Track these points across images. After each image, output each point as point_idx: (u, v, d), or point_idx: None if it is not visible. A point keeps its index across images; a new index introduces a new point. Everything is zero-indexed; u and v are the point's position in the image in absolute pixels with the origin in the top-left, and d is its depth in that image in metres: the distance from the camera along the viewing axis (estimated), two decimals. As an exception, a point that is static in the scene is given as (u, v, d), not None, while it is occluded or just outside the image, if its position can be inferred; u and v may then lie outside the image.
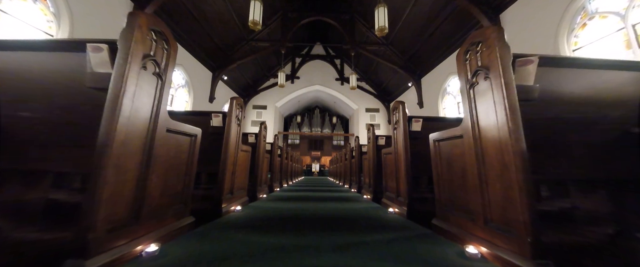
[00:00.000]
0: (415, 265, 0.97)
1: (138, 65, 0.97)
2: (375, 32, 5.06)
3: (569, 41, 4.91)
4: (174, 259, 0.98)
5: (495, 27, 1.03)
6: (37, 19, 4.44)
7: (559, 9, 4.95)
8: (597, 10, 4.57)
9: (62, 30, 4.67)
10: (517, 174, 0.91)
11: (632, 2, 4.13)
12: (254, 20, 4.95)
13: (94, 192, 0.83)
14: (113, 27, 5.47)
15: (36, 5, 4.47)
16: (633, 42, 4.09)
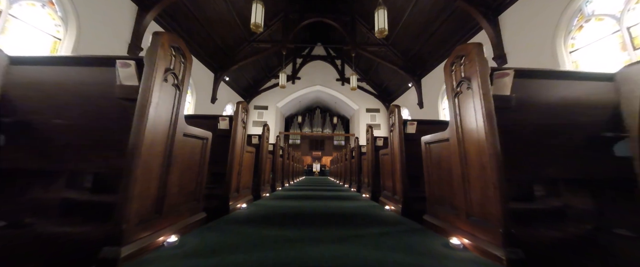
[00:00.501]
0: (404, 254, 1.11)
1: (161, 79, 1.12)
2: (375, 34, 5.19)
3: (566, 43, 5.02)
4: (192, 249, 1.13)
5: (476, 43, 1.17)
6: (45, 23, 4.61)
7: (556, 11, 5.05)
8: (593, 13, 4.68)
9: (69, 33, 4.85)
10: (492, 174, 1.05)
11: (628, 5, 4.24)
12: (255, 22, 5.10)
13: (127, 189, 0.98)
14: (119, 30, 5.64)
15: (44, 9, 4.64)
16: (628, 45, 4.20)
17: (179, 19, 7.08)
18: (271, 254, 1.09)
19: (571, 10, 4.96)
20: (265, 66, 11.17)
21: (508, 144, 1.13)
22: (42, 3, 4.63)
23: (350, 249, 1.17)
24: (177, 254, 1.06)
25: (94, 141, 1.13)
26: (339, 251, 1.15)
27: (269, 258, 1.04)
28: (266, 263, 0.98)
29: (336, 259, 1.04)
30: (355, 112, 12.78)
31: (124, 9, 5.77)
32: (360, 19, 9.34)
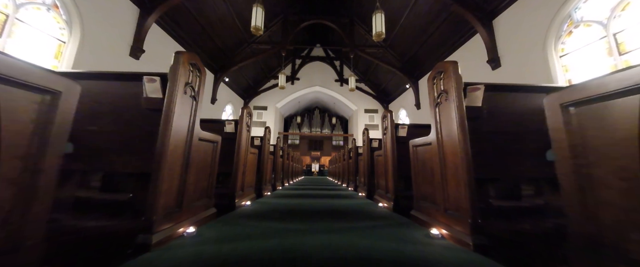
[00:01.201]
0: (390, 242, 1.32)
1: (181, 92, 1.32)
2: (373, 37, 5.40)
3: (556, 48, 5.24)
4: (209, 238, 1.34)
5: (453, 61, 1.38)
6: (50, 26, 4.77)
7: (547, 16, 5.26)
8: (582, 19, 4.90)
9: (73, 36, 5.01)
10: (463, 174, 1.26)
11: (614, 12, 4.48)
12: (256, 25, 5.29)
13: (156, 187, 1.18)
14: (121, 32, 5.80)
15: (49, 13, 4.80)
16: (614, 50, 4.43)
17: (179, 21, 7.25)
18: (276, 241, 1.30)
19: (561, 16, 5.17)
20: (265, 67, 11.35)
21: (479, 148, 1.35)
22: (47, 7, 4.79)
23: (344, 238, 1.38)
24: (198, 241, 1.27)
25: (122, 146, 1.33)
26: (334, 239, 1.36)
27: (275, 245, 1.24)
28: (272, 249, 1.19)
29: (332, 246, 1.25)
30: (354, 112, 13.00)
31: (126, 11, 5.94)
32: (358, 21, 9.55)
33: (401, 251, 1.17)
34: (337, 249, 1.19)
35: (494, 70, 6.55)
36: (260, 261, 1.03)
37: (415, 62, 9.50)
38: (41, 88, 0.69)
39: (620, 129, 0.66)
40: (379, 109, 12.49)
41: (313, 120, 15.55)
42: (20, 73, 0.64)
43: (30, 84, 0.66)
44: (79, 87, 0.77)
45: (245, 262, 1.01)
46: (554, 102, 0.81)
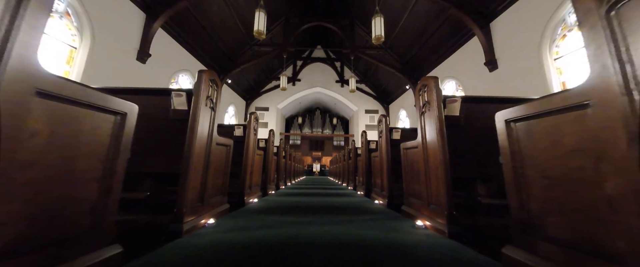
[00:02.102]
0: (381, 231, 1.57)
1: (203, 104, 1.58)
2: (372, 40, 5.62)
3: (551, 50, 5.44)
4: (227, 228, 1.59)
5: (434, 77, 1.62)
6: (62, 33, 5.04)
7: (542, 20, 5.45)
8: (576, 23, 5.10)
9: (84, 42, 5.29)
10: (441, 173, 1.50)
11: (605, 16, 4.68)
12: (258, 30, 5.54)
13: (185, 185, 1.44)
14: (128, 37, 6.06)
15: (62, 20, 5.07)
16: (605, 54, 4.64)
17: (184, 26, 7.52)
18: (283, 230, 1.55)
19: (556, 19, 5.35)
20: (266, 68, 11.61)
21: (457, 151, 1.59)
22: (60, 15, 5.06)
23: (342, 228, 1.63)
24: (218, 230, 1.52)
25: (154, 150, 1.59)
26: (333, 229, 1.61)
27: (282, 233, 1.50)
28: (280, 235, 1.44)
29: (331, 234, 1.50)
30: (355, 113, 13.23)
31: (134, 17, 6.21)
32: (358, 23, 9.78)
33: (388, 238, 1.42)
34: (336, 236, 1.44)
35: (491, 72, 6.74)
36: (272, 244, 1.28)
37: (415, 63, 9.72)
38: (113, 110, 0.95)
39: (541, 141, 0.91)
40: (379, 110, 12.71)
41: (314, 121, 15.81)
42: (101, 101, 0.90)
43: (108, 108, 0.92)
44: (137, 108, 1.03)
45: (260, 245, 1.26)
46: (501, 118, 1.05)
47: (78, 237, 0.84)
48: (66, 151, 0.79)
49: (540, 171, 0.91)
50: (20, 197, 0.68)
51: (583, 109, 0.76)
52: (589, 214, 0.75)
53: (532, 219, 0.94)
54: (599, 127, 0.71)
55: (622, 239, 0.66)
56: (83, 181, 0.86)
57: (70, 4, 5.11)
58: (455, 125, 1.62)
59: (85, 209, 0.87)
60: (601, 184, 0.71)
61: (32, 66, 0.67)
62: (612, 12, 0.68)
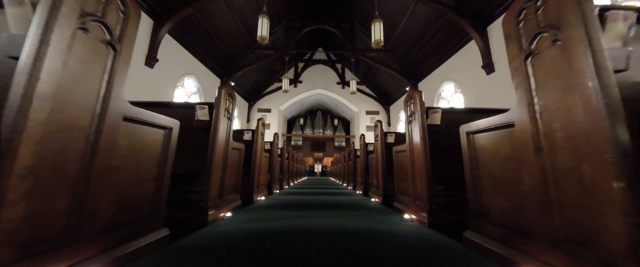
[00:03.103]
0: (373, 223, 1.87)
1: (222, 115, 1.89)
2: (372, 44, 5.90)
3: (545, 55, 5.67)
4: (242, 220, 1.90)
5: (418, 91, 1.92)
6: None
7: None
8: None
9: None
10: (424, 174, 1.80)
11: (596, 22, 4.93)
12: (262, 35, 5.86)
13: (208, 183, 1.75)
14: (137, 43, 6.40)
15: (76, 29, 5.41)
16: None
17: (189, 31, 7.85)
18: (289, 221, 1.86)
19: None
20: (269, 71, 11.94)
21: (438, 154, 1.89)
22: (75, 23, 5.39)
23: (340, 220, 1.94)
24: (235, 222, 1.84)
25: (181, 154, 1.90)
26: (332, 221, 1.92)
27: (289, 223, 1.81)
28: (287, 225, 1.75)
29: (330, 224, 1.81)
30: (356, 114, 13.52)
31: (142, 23, 6.55)
32: (359, 26, 10.07)
33: (378, 228, 1.72)
34: (334, 226, 1.75)
35: (488, 75, 6.98)
36: (280, 232, 1.59)
37: (415, 65, 9.99)
38: (164, 126, 1.26)
39: (488, 149, 1.21)
40: (380, 111, 12.99)
41: (315, 122, 16.12)
42: (157, 120, 1.21)
43: (160, 125, 1.24)
44: (179, 123, 1.35)
45: (271, 232, 1.57)
46: (464, 130, 1.36)
47: (142, 221, 1.15)
48: (137, 159, 1.11)
49: (488, 171, 1.21)
50: (112, 191, 0.99)
51: (511, 128, 1.06)
52: (515, 203, 1.05)
53: (482, 209, 1.24)
54: (519, 141, 1.01)
55: (533, 220, 0.96)
56: (146, 180, 1.17)
57: (84, 13, 5.43)
58: (437, 132, 1.91)
59: (147, 201, 1.18)
60: (522, 182, 1.01)
61: (121, 100, 0.99)
62: (527, 60, 0.98)
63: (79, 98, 0.83)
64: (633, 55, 0.86)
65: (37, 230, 0.73)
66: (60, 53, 0.75)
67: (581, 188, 0.79)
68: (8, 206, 0.65)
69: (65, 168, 0.80)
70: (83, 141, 0.85)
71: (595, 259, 0.75)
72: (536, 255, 0.93)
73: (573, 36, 0.80)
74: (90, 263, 0.88)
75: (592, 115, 0.74)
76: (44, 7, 0.74)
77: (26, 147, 0.68)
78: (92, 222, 0.90)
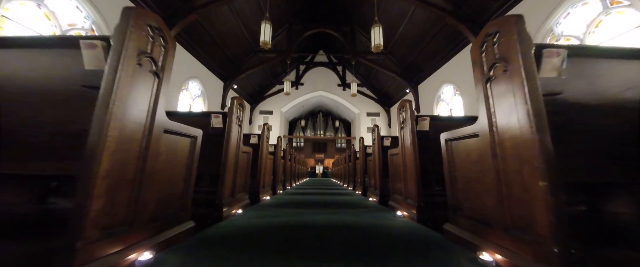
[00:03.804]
0: (369, 219, 2.12)
1: (234, 123, 2.15)
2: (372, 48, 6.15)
3: (540, 58, 5.90)
4: (251, 216, 2.16)
5: (409, 100, 2.17)
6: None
7: (532, 29, 5.92)
8: (562, 34, 5.55)
9: (106, 55, 5.92)
10: (414, 175, 2.05)
11: (589, 28, 5.15)
12: (265, 40, 6.13)
13: (223, 184, 2.01)
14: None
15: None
16: (589, 62, 5.09)
17: (193, 36, 8.15)
18: (294, 217, 2.12)
19: (544, 30, 5.81)
20: (270, 73, 12.22)
21: (428, 157, 2.14)
22: (85, 31, 5.72)
23: (338, 216, 2.19)
24: (246, 217, 2.10)
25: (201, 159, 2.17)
26: (332, 217, 2.17)
27: (293, 219, 2.06)
28: (292, 220, 2.01)
29: (330, 219, 2.06)
30: (357, 115, 13.76)
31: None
32: (359, 29, 10.33)
33: (372, 222, 1.98)
34: (333, 221, 2.00)
35: (485, 78, 7.18)
36: (286, 225, 1.85)
37: (415, 67, 10.22)
38: (190, 135, 1.53)
39: (461, 154, 1.46)
40: (380, 112, 13.22)
41: (317, 124, 16.38)
42: (186, 130, 1.48)
43: (188, 134, 1.50)
44: (201, 131, 1.61)
45: (278, 225, 1.83)
46: (443, 138, 1.61)
47: (174, 215, 1.42)
48: (171, 163, 1.37)
49: (462, 173, 1.46)
50: (154, 189, 1.25)
51: (477, 137, 1.31)
52: (480, 199, 1.30)
53: (457, 204, 1.49)
54: (483, 149, 1.26)
55: (491, 212, 1.21)
56: (177, 180, 1.44)
57: (95, 22, 5.76)
58: (426, 137, 2.16)
59: (177, 197, 1.45)
60: (484, 182, 1.26)
61: (162, 116, 1.25)
62: (488, 83, 1.23)
63: (135, 117, 1.09)
64: (566, 82, 1.11)
65: (109, 218, 0.99)
66: (126, 84, 1.02)
67: (522, 186, 1.04)
68: (95, 198, 0.91)
69: (126, 171, 1.06)
70: (137, 150, 1.11)
71: (531, 241, 1.00)
72: (493, 240, 1.17)
73: (515, 68, 1.05)
74: (141, 246, 1.14)
75: (527, 129, 0.99)
76: (115, 51, 1.00)
77: (106, 156, 0.94)
78: (141, 213, 1.16)
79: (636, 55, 1.17)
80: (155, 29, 1.18)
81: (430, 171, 2.11)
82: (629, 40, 4.23)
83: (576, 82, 1.14)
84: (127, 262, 1.03)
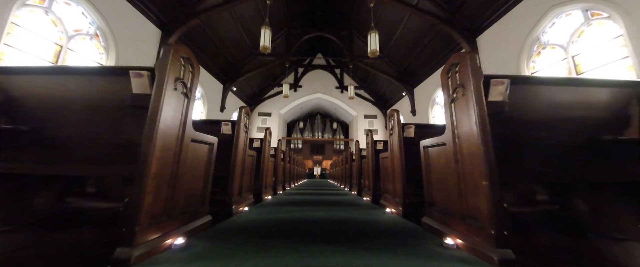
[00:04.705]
0: (361, 215, 2.45)
1: (242, 130, 2.47)
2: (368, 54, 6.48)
3: (528, 65, 6.28)
4: (257, 212, 2.47)
5: (396, 110, 2.51)
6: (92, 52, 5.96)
7: (520, 37, 6.26)
8: (548, 42, 5.93)
9: (110, 59, 6.21)
10: (400, 176, 2.38)
11: (572, 38, 5.53)
12: (264, 45, 6.45)
13: (232, 184, 2.33)
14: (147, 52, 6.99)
15: (92, 41, 6.00)
16: (572, 70, 5.48)
17: (195, 40, 8.44)
18: (294, 213, 2.43)
19: (531, 38, 6.18)
20: (269, 76, 12.53)
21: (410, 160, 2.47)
22: (90, 36, 5.99)
23: (335, 212, 2.51)
24: (252, 213, 2.41)
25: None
26: (328, 213, 2.49)
27: (293, 215, 2.38)
28: (293, 216, 2.32)
29: (328, 215, 2.38)
30: (354, 118, 14.12)
31: (151, 34, 7.16)
32: (357, 34, 10.69)
33: (363, 218, 2.30)
34: (331, 216, 2.32)
35: (477, 83, 7.56)
36: (287, 219, 2.17)
37: (411, 71, 10.61)
38: (208, 143, 1.84)
39: (435, 159, 1.79)
40: (378, 115, 13.59)
41: (315, 125, 16.72)
42: (206, 139, 1.79)
43: (207, 142, 1.81)
44: (217, 139, 1.92)
45: (280, 219, 2.14)
46: (422, 145, 1.94)
47: (197, 209, 1.72)
48: (194, 166, 1.68)
49: (435, 175, 1.79)
50: (183, 188, 1.56)
51: (445, 146, 1.64)
52: (446, 195, 1.62)
53: (432, 201, 1.82)
54: (448, 155, 1.59)
55: (453, 205, 1.53)
56: (198, 181, 1.75)
57: (99, 27, 6.03)
58: (411, 143, 2.49)
59: (198, 195, 1.76)
60: (449, 182, 1.59)
61: (191, 129, 1.56)
62: (452, 104, 1.56)
63: (171, 130, 1.40)
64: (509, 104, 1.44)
65: (154, 210, 1.30)
66: (167, 105, 1.33)
67: (474, 185, 1.36)
68: (147, 194, 1.22)
69: (165, 173, 1.37)
70: (172, 156, 1.42)
71: (478, 227, 1.32)
72: (455, 228, 1.50)
73: (469, 93, 1.38)
74: (174, 233, 1.44)
75: (476, 141, 1.32)
76: (159, 80, 1.32)
77: (154, 162, 1.25)
78: (175, 207, 1.47)
79: (562, 82, 1.51)
80: (186, 58, 1.49)
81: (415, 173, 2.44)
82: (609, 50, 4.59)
83: (518, 103, 1.48)
84: (166, 246, 1.34)
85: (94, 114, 1.44)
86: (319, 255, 1.27)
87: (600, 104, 1.53)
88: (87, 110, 1.45)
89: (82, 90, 1.45)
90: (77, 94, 1.45)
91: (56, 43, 5.33)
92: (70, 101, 1.44)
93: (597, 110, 1.53)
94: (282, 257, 1.22)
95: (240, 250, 1.34)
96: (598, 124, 1.51)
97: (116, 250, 1.11)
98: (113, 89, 1.43)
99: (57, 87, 1.42)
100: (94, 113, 1.44)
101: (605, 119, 1.52)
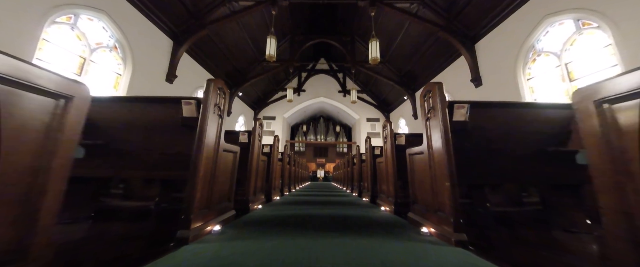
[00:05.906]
0: (360, 212, 2.90)
1: (257, 139, 2.96)
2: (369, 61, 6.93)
3: (524, 72, 6.66)
4: (269, 209, 2.95)
5: (389, 121, 2.97)
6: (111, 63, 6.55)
7: (516, 44, 6.61)
8: (542, 50, 6.30)
9: (127, 70, 6.80)
10: (392, 178, 2.84)
11: (565, 46, 5.91)
12: (270, 54, 6.97)
13: (249, 185, 2.81)
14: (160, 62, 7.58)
15: (111, 53, 6.60)
16: (565, 77, 5.85)
17: (203, 48, 9.04)
18: (300, 211, 2.91)
19: (527, 45, 6.54)
20: (273, 81, 13.09)
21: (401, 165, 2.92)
22: (110, 48, 6.59)
23: (337, 211, 2.98)
24: (265, 210, 2.89)
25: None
26: (330, 211, 2.95)
27: (300, 212, 2.85)
28: (299, 213, 2.79)
29: (330, 213, 2.85)
30: (357, 121, 14.58)
31: (164, 44, 7.77)
32: (359, 39, 11.19)
33: (361, 214, 2.76)
34: (333, 213, 2.79)
35: (476, 88, 7.96)
36: (298, 215, 2.64)
37: (412, 76, 11.04)
38: (233, 151, 2.33)
39: (417, 165, 2.25)
40: (380, 118, 14.02)
41: (318, 129, 17.21)
42: (232, 148, 2.29)
43: (233, 151, 2.31)
44: (239, 148, 2.42)
45: (288, 216, 2.62)
46: (408, 153, 2.40)
47: (225, 205, 2.21)
48: (224, 171, 2.17)
49: (417, 178, 2.25)
50: (217, 188, 2.05)
51: (423, 154, 2.09)
52: (426, 194, 2.08)
53: (415, 198, 2.27)
54: (425, 162, 2.05)
55: (428, 202, 1.99)
56: (226, 182, 2.23)
57: (118, 40, 6.64)
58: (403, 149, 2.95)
59: (226, 193, 2.24)
60: (425, 183, 2.04)
61: (223, 141, 2.05)
62: (427, 121, 2.02)
63: (211, 143, 1.89)
64: (469, 124, 1.90)
65: (201, 203, 1.79)
66: (209, 125, 1.82)
67: (441, 185, 1.82)
68: (198, 191, 1.71)
69: (207, 176, 1.86)
70: (211, 163, 1.91)
71: (444, 217, 1.77)
72: (430, 219, 1.95)
73: (436, 114, 1.84)
74: (213, 222, 1.93)
75: (442, 151, 1.78)
76: (204, 107, 1.81)
77: (201, 166, 1.74)
78: (212, 202, 1.96)
79: (514, 106, 1.96)
80: (220, 89, 1.99)
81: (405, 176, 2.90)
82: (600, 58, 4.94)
83: (479, 122, 1.93)
84: (208, 231, 1.82)
85: (151, 132, 1.95)
86: (328, 237, 1.74)
87: (547, 122, 1.97)
88: (145, 129, 1.95)
89: (144, 114, 1.96)
90: (139, 117, 1.96)
91: (80, 56, 5.94)
92: (133, 123, 1.95)
93: (544, 127, 1.97)
94: (298, 238, 1.69)
95: (263, 234, 1.82)
96: (544, 138, 1.94)
97: (178, 232, 1.59)
98: (167, 113, 1.94)
99: (125, 111, 1.93)
100: (150, 131, 1.95)
101: (550, 134, 1.95)
